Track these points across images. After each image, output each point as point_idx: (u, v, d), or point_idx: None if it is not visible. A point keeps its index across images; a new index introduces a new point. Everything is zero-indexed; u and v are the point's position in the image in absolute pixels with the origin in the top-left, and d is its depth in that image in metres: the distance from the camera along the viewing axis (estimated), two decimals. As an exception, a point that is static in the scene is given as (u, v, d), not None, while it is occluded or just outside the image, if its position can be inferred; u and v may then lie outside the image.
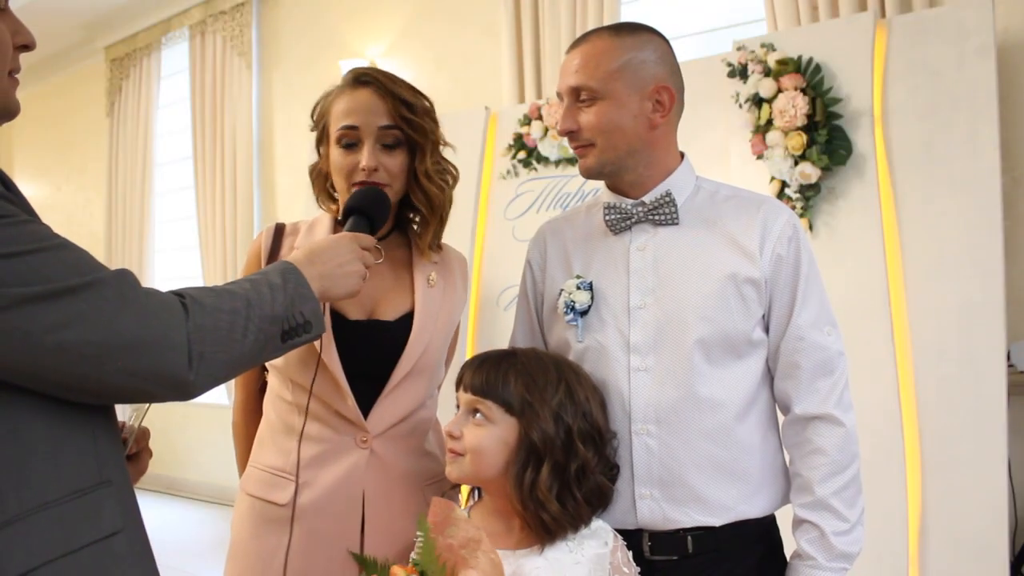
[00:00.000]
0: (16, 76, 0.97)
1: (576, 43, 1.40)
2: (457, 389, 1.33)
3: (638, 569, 1.31)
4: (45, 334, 0.84)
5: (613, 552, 1.28)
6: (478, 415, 1.28)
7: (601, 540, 1.29)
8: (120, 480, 0.96)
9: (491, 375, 1.28)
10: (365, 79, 1.44)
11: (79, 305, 0.86)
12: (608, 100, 1.34)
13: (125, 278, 0.92)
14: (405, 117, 1.42)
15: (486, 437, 1.26)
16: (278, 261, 1.14)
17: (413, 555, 1.23)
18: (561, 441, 1.25)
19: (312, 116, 1.52)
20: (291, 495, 1.40)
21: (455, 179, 1.53)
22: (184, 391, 0.94)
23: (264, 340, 1.02)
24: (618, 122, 1.35)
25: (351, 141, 1.43)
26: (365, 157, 1.40)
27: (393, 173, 1.43)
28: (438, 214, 1.49)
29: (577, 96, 1.37)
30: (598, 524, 1.31)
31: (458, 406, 1.32)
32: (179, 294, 0.96)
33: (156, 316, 0.91)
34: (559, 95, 1.41)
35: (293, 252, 1.20)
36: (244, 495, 1.48)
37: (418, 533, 1.23)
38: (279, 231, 1.54)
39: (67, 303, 0.85)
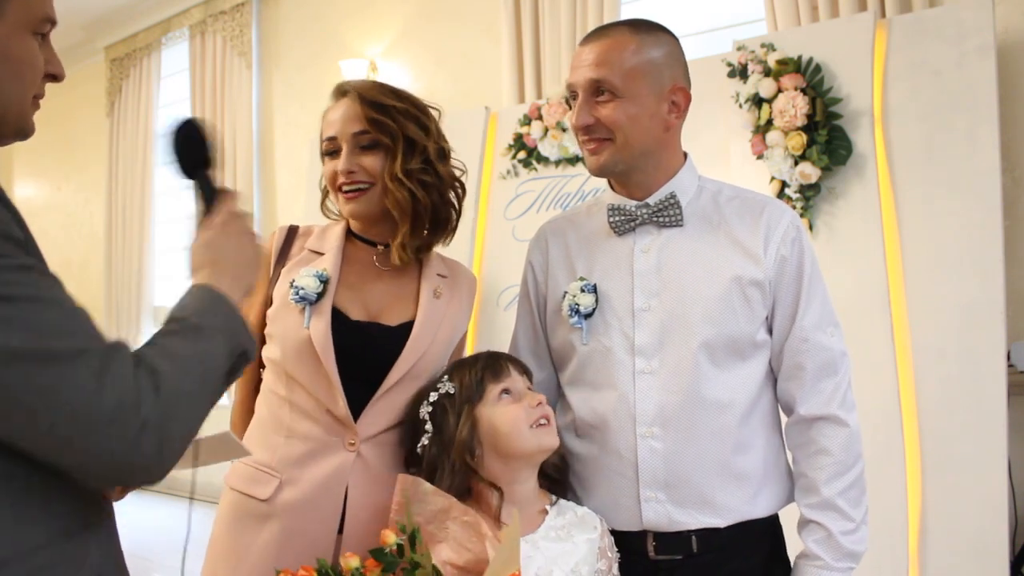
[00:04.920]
0: (39, 102, 0.96)
1: (593, 36, 1.37)
2: (490, 381, 1.35)
3: (618, 553, 1.34)
4: (22, 395, 0.80)
5: (602, 536, 1.32)
6: None
7: (590, 525, 1.32)
8: (104, 523, 0.95)
9: None
10: (344, 89, 1.48)
11: (59, 373, 0.81)
12: (628, 98, 1.32)
13: (113, 355, 0.85)
14: (374, 119, 1.43)
15: None
16: (203, 289, 1.03)
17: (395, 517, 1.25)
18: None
19: None
20: (272, 491, 1.39)
21: (451, 185, 1.49)
22: (149, 476, 0.87)
23: (215, 394, 0.97)
24: (638, 120, 1.33)
25: (332, 150, 1.47)
26: (341, 162, 1.44)
27: (373, 172, 1.44)
28: (409, 219, 1.44)
29: (595, 91, 1.33)
30: (584, 511, 1.34)
31: (504, 391, 1.35)
32: (150, 369, 0.88)
33: (130, 402, 0.84)
34: (570, 88, 1.37)
35: (199, 272, 1.07)
36: (227, 489, 1.48)
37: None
38: (292, 232, 1.54)
39: (48, 369, 0.80)
